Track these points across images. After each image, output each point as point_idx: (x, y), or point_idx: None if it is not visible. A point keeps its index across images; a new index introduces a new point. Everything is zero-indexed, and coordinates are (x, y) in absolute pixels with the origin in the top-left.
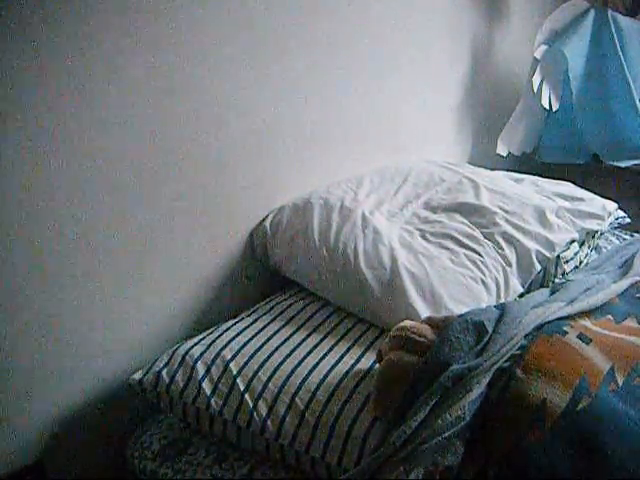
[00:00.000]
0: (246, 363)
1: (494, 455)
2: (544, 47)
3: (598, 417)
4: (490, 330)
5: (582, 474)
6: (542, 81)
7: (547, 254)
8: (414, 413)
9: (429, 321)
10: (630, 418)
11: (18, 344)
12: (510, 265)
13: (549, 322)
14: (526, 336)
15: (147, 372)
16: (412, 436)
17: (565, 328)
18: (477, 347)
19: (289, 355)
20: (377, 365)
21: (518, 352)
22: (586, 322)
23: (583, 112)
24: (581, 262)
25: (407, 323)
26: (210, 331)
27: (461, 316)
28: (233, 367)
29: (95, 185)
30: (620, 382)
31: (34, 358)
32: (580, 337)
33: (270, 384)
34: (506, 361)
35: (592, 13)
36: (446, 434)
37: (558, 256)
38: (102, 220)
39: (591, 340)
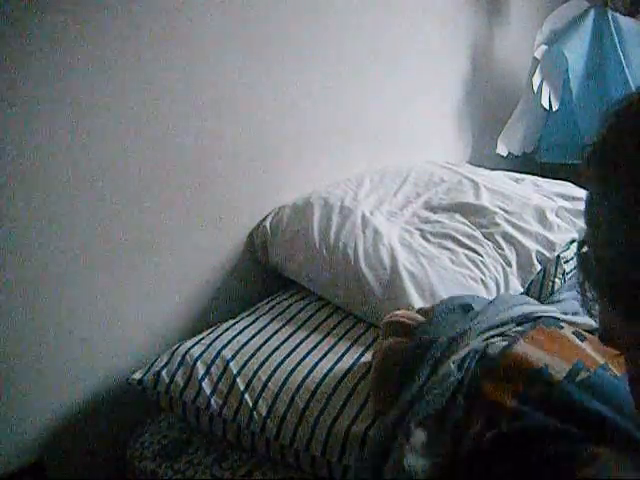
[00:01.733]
0: (246, 363)
1: (499, 409)
2: (544, 47)
3: (599, 386)
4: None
5: (585, 427)
6: (542, 81)
7: (547, 254)
8: (407, 391)
9: (419, 311)
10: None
11: (18, 345)
12: (510, 265)
13: (544, 317)
14: (524, 324)
15: (147, 372)
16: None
17: (561, 324)
18: (464, 322)
19: (289, 355)
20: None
21: (515, 334)
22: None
23: (583, 112)
24: None
25: (397, 312)
26: (210, 331)
27: (447, 299)
28: (233, 367)
29: (96, 186)
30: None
31: (34, 358)
32: (575, 333)
33: (270, 383)
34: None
35: (592, 13)
36: (435, 392)
37: (558, 256)
38: (102, 220)
39: (585, 338)
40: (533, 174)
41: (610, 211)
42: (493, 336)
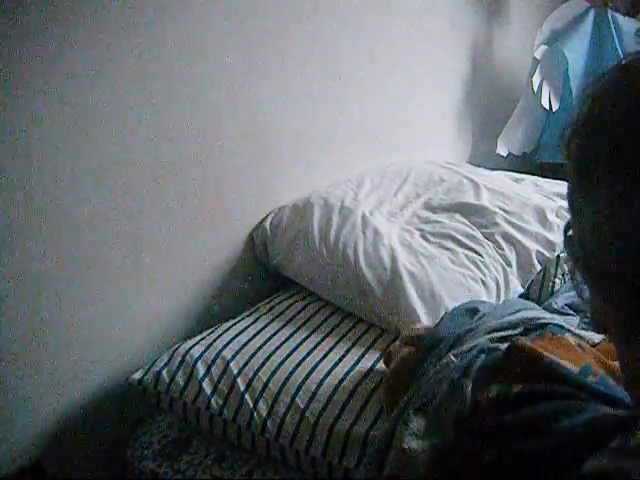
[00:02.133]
0: (246, 363)
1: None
2: (544, 47)
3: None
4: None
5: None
6: (542, 81)
7: (547, 254)
8: (411, 388)
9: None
10: None
11: (18, 344)
12: (510, 265)
13: (549, 324)
14: (531, 330)
15: (147, 372)
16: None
17: (566, 334)
18: (470, 322)
19: (289, 355)
20: (383, 365)
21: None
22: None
23: None
24: None
25: (418, 325)
26: (210, 331)
27: (456, 306)
28: (233, 367)
29: (96, 186)
30: None
31: (34, 358)
32: (579, 345)
33: (270, 384)
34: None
35: (592, 13)
36: (431, 381)
37: (558, 256)
38: (102, 220)
39: (587, 351)
40: (533, 174)
41: (590, 203)
42: (499, 338)
